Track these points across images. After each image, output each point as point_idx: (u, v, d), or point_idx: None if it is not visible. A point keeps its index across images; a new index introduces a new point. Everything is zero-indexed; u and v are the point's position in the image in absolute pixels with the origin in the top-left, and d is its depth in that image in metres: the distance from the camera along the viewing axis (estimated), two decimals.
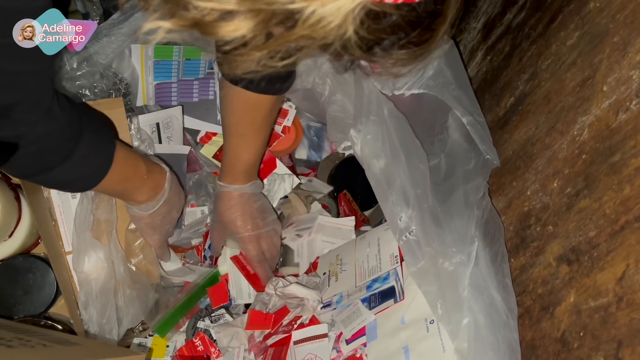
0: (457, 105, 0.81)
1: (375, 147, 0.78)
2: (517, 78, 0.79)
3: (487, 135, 0.78)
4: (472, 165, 0.77)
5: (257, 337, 0.72)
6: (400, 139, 0.78)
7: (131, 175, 0.70)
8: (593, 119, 0.57)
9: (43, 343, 0.43)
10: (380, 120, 0.80)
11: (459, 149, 0.80)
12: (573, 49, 0.65)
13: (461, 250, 0.62)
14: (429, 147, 0.81)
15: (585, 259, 0.51)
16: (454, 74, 0.86)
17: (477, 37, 1.00)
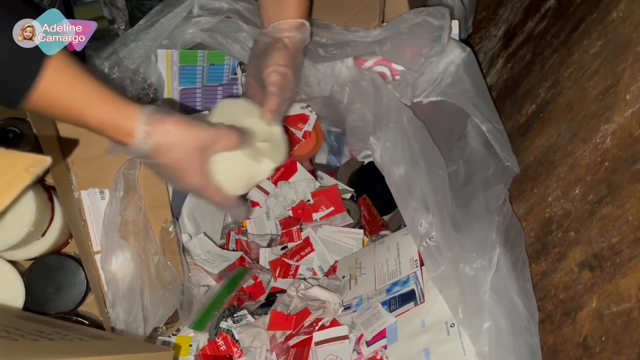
0: (476, 113, 0.82)
1: (395, 154, 0.79)
2: (538, 85, 0.80)
3: (506, 142, 0.79)
4: (491, 172, 0.77)
5: (278, 338, 0.73)
6: (419, 146, 0.79)
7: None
8: (616, 127, 0.57)
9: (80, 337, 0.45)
10: (400, 128, 0.81)
11: (478, 156, 0.81)
12: (596, 57, 0.66)
13: (482, 256, 0.63)
14: (448, 153, 0.82)
15: (608, 265, 0.51)
16: (473, 82, 0.87)
17: (498, 45, 1.01)
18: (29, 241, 0.70)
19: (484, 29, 1.12)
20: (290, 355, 0.70)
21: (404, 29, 0.82)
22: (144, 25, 0.84)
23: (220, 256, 0.89)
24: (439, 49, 0.88)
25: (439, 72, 0.90)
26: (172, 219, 0.80)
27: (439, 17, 0.87)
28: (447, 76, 0.89)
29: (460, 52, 0.89)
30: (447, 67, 0.90)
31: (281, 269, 0.88)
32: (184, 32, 0.85)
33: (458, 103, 0.86)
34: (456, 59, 0.89)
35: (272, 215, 0.98)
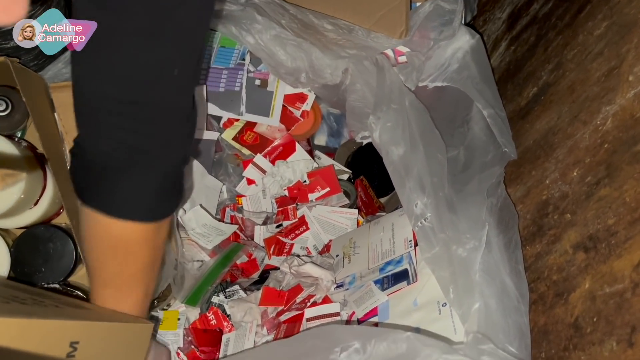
0: (480, 98, 0.81)
1: (395, 134, 0.78)
2: (541, 68, 0.79)
3: (506, 128, 0.78)
4: (489, 157, 0.77)
5: (270, 313, 0.73)
6: (420, 128, 0.78)
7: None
8: (617, 108, 0.56)
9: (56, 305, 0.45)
10: (401, 109, 0.80)
11: (478, 142, 0.80)
12: (600, 39, 0.65)
13: (474, 237, 0.62)
14: (449, 139, 0.81)
15: (603, 247, 0.51)
16: (479, 69, 0.86)
17: (502, 28, 0.99)
18: (21, 210, 0.69)
19: (488, 11, 1.10)
20: (281, 330, 0.70)
21: (419, 13, 0.81)
22: None
23: (216, 229, 0.89)
24: (449, 32, 0.87)
25: (447, 57, 0.89)
26: None
27: (451, 1, 0.86)
28: (455, 62, 0.89)
29: (469, 39, 0.88)
30: (455, 52, 0.89)
31: (276, 246, 0.87)
32: None
33: (463, 88, 0.85)
34: (464, 45, 0.89)
35: (269, 193, 0.97)
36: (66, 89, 0.74)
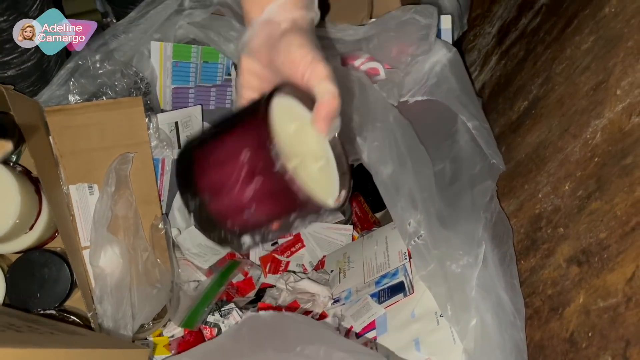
0: (463, 111, 0.82)
1: (382, 153, 0.79)
2: (530, 82, 0.80)
3: (492, 140, 0.79)
4: (477, 169, 0.77)
5: None
6: (406, 144, 0.78)
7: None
8: (606, 122, 0.57)
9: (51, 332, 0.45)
10: (386, 127, 0.80)
11: (464, 155, 0.81)
12: (587, 53, 0.66)
13: (468, 253, 0.63)
14: (434, 152, 0.82)
15: (596, 260, 0.51)
16: (458, 81, 0.87)
17: (492, 42, 1.00)
18: (16, 234, 0.69)
19: (478, 26, 1.11)
20: None
21: (392, 27, 0.82)
22: (134, 17, 0.83)
23: (211, 248, 0.89)
24: (426, 47, 0.88)
25: (425, 72, 0.90)
26: (162, 216, 0.80)
27: (427, 15, 0.87)
28: (433, 75, 0.89)
29: (446, 52, 0.89)
30: (433, 66, 0.90)
31: (271, 264, 0.87)
32: (175, 24, 0.84)
33: (445, 101, 0.85)
34: (442, 58, 0.89)
35: None
36: (61, 112, 0.74)
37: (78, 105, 0.75)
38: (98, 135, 0.77)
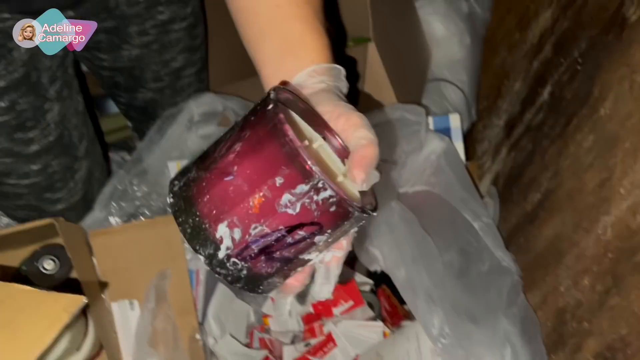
0: (465, 208, 0.86)
1: (394, 257, 0.82)
2: (541, 175, 0.84)
3: (499, 240, 0.82)
4: (487, 266, 0.81)
5: None
6: (414, 242, 0.82)
7: None
8: (614, 219, 0.60)
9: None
10: (392, 229, 0.84)
11: (472, 249, 0.85)
12: (590, 151, 0.70)
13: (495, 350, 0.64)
14: (440, 241, 0.85)
15: (620, 357, 0.53)
16: (456, 173, 0.91)
17: (501, 134, 1.06)
18: (65, 356, 0.73)
19: (486, 118, 1.18)
20: None
21: (382, 123, 0.87)
22: (154, 136, 0.87)
23: (247, 356, 0.91)
24: (416, 144, 0.93)
25: (421, 163, 0.94)
26: (198, 326, 0.83)
27: (416, 113, 0.93)
28: (429, 166, 0.94)
29: (439, 142, 0.94)
30: (428, 156, 0.94)
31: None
32: (188, 140, 0.90)
33: (445, 196, 0.89)
34: (436, 148, 0.94)
35: (294, 311, 1.00)
36: (103, 234, 0.80)
37: (118, 227, 0.81)
38: (137, 253, 0.82)
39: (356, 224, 0.41)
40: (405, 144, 0.94)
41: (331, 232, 0.38)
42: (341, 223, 0.39)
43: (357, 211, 0.38)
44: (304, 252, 0.39)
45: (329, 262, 0.43)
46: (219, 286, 0.93)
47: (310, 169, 0.35)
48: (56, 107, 0.71)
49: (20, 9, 0.58)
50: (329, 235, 0.39)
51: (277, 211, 0.36)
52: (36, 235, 0.73)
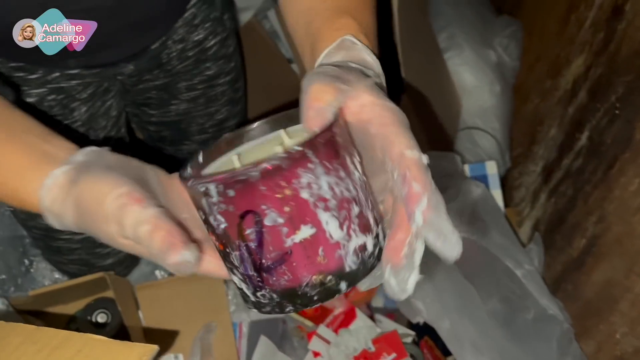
0: (505, 256, 0.85)
1: (436, 308, 0.82)
2: (585, 220, 0.83)
3: (544, 288, 0.81)
4: (532, 314, 0.79)
5: None
6: (455, 292, 0.81)
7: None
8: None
9: None
10: (433, 278, 0.84)
11: (515, 297, 0.83)
12: (636, 194, 0.69)
13: None
14: (481, 290, 0.84)
15: None
16: (494, 220, 0.91)
17: (538, 180, 1.06)
18: None
19: (521, 164, 1.18)
20: None
21: None
22: None
23: None
24: (453, 192, 0.93)
25: (457, 210, 0.94)
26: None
27: (451, 161, 0.94)
28: (466, 213, 0.94)
29: (474, 189, 0.94)
30: (465, 204, 0.94)
31: None
32: None
33: (484, 243, 0.89)
34: (472, 196, 0.94)
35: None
36: (149, 287, 0.81)
37: (165, 280, 0.83)
38: (182, 306, 0.83)
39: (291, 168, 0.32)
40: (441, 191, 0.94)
41: (272, 207, 0.32)
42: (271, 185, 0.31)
43: (254, 171, 0.31)
44: (281, 237, 0.32)
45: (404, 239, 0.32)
46: (261, 339, 0.92)
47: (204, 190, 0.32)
48: None
49: (87, 64, 0.62)
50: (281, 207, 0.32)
51: (218, 233, 0.34)
52: (87, 289, 0.75)
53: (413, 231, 0.31)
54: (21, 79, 0.61)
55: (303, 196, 0.32)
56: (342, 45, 0.41)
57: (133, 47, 0.64)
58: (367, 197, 0.34)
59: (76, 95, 0.66)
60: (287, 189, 0.31)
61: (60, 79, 0.63)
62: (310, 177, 0.32)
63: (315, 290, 0.33)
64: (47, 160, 0.37)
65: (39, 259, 0.92)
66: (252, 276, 0.33)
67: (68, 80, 0.63)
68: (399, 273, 0.32)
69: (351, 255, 0.33)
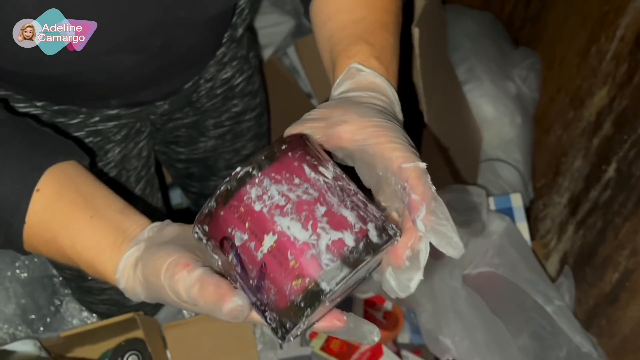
0: (534, 291, 0.84)
1: (466, 346, 0.80)
2: (616, 254, 0.81)
3: (576, 324, 0.79)
4: (565, 352, 0.78)
5: None
6: (485, 328, 0.80)
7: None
8: None
9: None
10: (461, 315, 0.83)
11: (546, 333, 0.82)
12: None
13: None
14: (510, 325, 0.83)
15: None
16: (520, 253, 0.90)
17: (564, 212, 1.04)
18: None
19: (545, 195, 1.17)
20: None
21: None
22: None
23: None
24: (478, 225, 0.92)
25: (483, 244, 0.93)
26: None
27: (475, 194, 0.93)
28: (492, 247, 0.92)
29: (500, 222, 0.93)
30: (490, 237, 0.93)
31: None
32: None
33: (511, 278, 0.87)
34: (498, 229, 0.93)
35: None
36: (177, 327, 0.81)
37: (192, 318, 0.82)
38: (210, 344, 0.82)
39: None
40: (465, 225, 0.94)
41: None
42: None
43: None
44: (252, 253, 0.34)
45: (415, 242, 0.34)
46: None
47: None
48: (140, 204, 0.74)
49: (128, 103, 0.64)
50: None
51: (223, 273, 0.36)
52: (117, 330, 0.75)
53: (416, 235, 0.34)
54: (62, 124, 0.62)
55: (256, 208, 0.34)
56: (348, 75, 0.44)
57: (172, 85, 0.66)
58: (343, 198, 0.35)
59: (111, 137, 0.67)
60: (241, 207, 0.34)
61: (99, 122, 0.64)
62: (258, 190, 0.34)
63: (300, 297, 0.33)
64: (124, 237, 0.41)
65: (68, 299, 0.92)
66: (255, 303, 0.35)
67: (105, 122, 0.65)
68: (402, 273, 0.34)
69: (325, 253, 0.33)
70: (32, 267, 0.90)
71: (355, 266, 0.33)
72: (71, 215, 0.42)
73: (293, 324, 0.33)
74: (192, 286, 0.35)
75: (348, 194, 0.35)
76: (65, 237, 0.42)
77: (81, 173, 0.45)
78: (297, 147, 0.36)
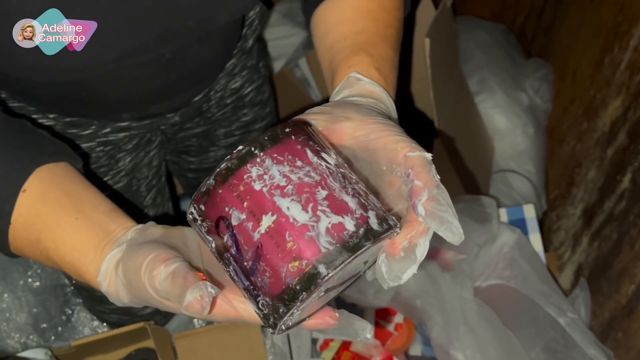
0: (546, 303, 0.83)
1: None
2: (633, 265, 0.80)
3: (590, 337, 0.78)
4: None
5: None
6: (497, 341, 0.79)
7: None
8: None
9: None
10: (472, 328, 0.82)
11: (559, 346, 0.80)
12: None
13: None
14: (522, 337, 0.82)
15: None
16: (532, 265, 0.88)
17: (579, 223, 1.03)
18: None
19: (559, 207, 1.15)
20: None
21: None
22: None
23: None
24: (489, 236, 0.91)
25: (493, 255, 0.92)
26: None
27: (486, 205, 0.92)
28: (502, 259, 0.91)
29: (511, 234, 0.92)
30: (501, 249, 0.92)
31: None
32: None
33: (523, 290, 0.86)
34: (508, 240, 0.92)
35: None
36: (188, 337, 0.81)
37: (203, 328, 0.82)
38: (220, 355, 0.82)
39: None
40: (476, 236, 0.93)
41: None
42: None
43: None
44: (249, 234, 0.33)
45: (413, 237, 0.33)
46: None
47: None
48: (151, 213, 0.75)
49: (139, 116, 0.64)
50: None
51: (216, 257, 0.35)
52: (128, 339, 0.75)
53: (417, 229, 0.33)
54: (74, 135, 0.62)
55: (256, 188, 0.33)
56: (347, 83, 0.44)
57: (183, 98, 0.66)
58: (345, 184, 0.34)
59: (122, 146, 0.67)
60: (240, 185, 0.33)
61: (110, 133, 0.65)
62: (259, 169, 0.33)
63: (296, 280, 0.32)
64: (107, 239, 0.40)
65: (79, 308, 0.92)
66: (247, 287, 0.33)
67: (117, 133, 0.65)
68: (395, 262, 0.33)
69: (324, 235, 0.32)
70: (45, 276, 0.90)
71: (354, 251, 0.32)
72: (55, 216, 0.41)
73: (287, 309, 0.32)
74: (165, 279, 0.33)
75: (350, 182, 0.34)
76: (49, 238, 0.41)
77: (70, 175, 0.44)
78: (301, 131, 0.35)
